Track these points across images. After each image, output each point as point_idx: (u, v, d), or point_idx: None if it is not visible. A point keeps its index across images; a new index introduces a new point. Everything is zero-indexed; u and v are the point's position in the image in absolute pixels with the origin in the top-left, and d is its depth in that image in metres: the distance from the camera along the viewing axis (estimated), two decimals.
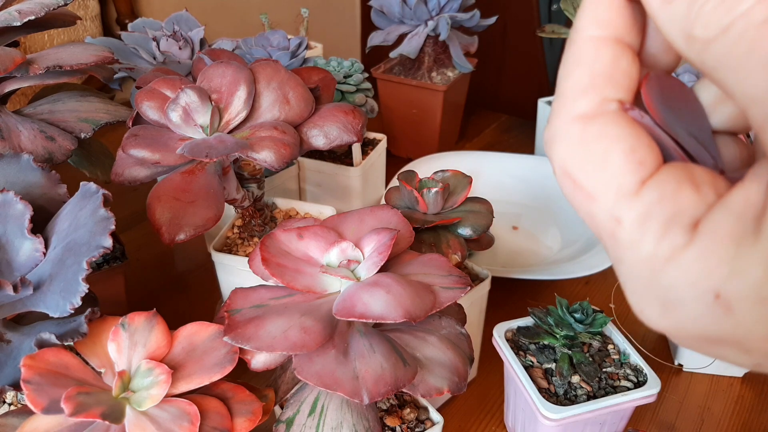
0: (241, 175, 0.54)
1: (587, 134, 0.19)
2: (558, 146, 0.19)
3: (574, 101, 0.19)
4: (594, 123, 0.19)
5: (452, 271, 0.39)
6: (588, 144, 0.19)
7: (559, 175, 0.19)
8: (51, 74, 0.50)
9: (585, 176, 0.18)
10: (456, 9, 0.90)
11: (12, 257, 0.39)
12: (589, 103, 0.19)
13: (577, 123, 0.19)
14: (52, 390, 0.32)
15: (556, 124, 0.19)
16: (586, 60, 0.19)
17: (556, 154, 0.19)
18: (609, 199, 0.18)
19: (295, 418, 0.40)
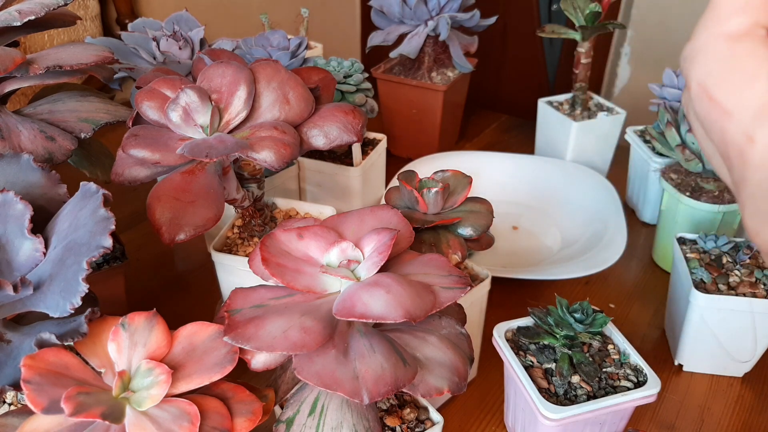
0: (241, 175, 0.54)
1: (735, 52, 0.18)
2: (700, 61, 0.19)
3: (727, 19, 0.19)
4: (743, 42, 0.18)
5: (452, 271, 0.39)
6: (734, 62, 0.18)
7: (695, 90, 0.19)
8: (51, 74, 0.50)
9: (725, 93, 0.18)
10: (456, 9, 0.90)
11: (12, 257, 0.39)
12: (742, 23, 0.19)
13: (726, 40, 0.19)
14: (52, 390, 0.32)
15: (702, 39, 0.19)
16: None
17: (696, 68, 0.19)
18: (746, 117, 0.18)
19: (295, 418, 0.40)
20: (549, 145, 0.93)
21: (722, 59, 0.19)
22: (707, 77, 0.19)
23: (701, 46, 0.19)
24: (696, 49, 0.19)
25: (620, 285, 0.74)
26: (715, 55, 0.19)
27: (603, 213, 0.79)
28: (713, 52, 0.19)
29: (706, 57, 0.19)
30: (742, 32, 0.19)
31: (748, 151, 0.18)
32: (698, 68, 0.19)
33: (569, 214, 0.83)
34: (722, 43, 0.19)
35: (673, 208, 0.72)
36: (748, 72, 0.18)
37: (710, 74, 0.19)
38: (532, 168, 0.89)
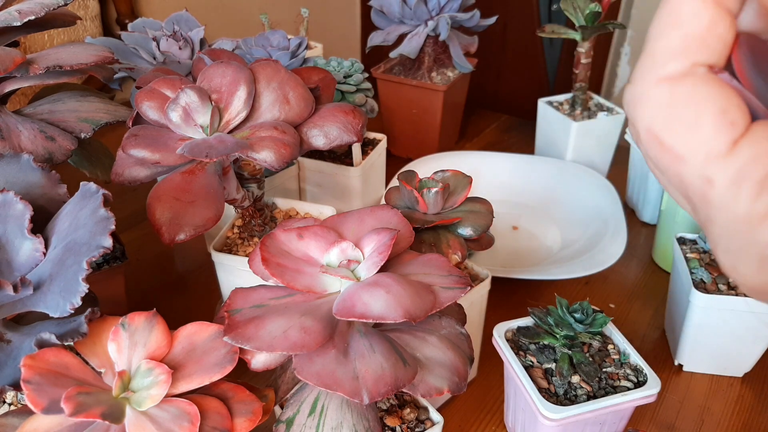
0: (241, 175, 0.54)
1: (676, 95, 0.18)
2: (644, 107, 0.19)
3: (664, 63, 0.19)
4: (683, 84, 0.18)
5: (452, 271, 0.39)
6: (677, 105, 0.18)
7: (644, 136, 0.19)
8: (51, 74, 0.50)
9: (674, 138, 0.18)
10: (456, 9, 0.90)
11: (12, 257, 0.39)
12: (679, 66, 0.19)
13: (665, 84, 0.19)
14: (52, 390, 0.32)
15: (642, 85, 0.19)
16: (683, 21, 0.19)
17: (641, 115, 0.19)
18: (699, 160, 0.18)
19: (295, 418, 0.40)
20: (549, 145, 0.93)
21: (665, 104, 0.19)
22: (653, 124, 0.19)
23: (642, 93, 0.19)
24: (637, 96, 0.19)
25: (620, 285, 0.74)
26: (657, 100, 0.19)
27: (603, 213, 0.79)
28: (655, 97, 0.19)
29: (649, 103, 0.19)
30: (680, 74, 0.19)
31: (709, 192, 0.18)
32: (643, 115, 0.19)
33: (569, 214, 0.83)
34: (662, 88, 0.19)
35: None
36: (691, 115, 0.18)
37: (656, 120, 0.19)
38: (532, 168, 0.89)
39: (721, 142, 0.18)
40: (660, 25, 0.19)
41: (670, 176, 0.19)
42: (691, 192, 0.18)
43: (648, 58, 0.19)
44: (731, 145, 0.17)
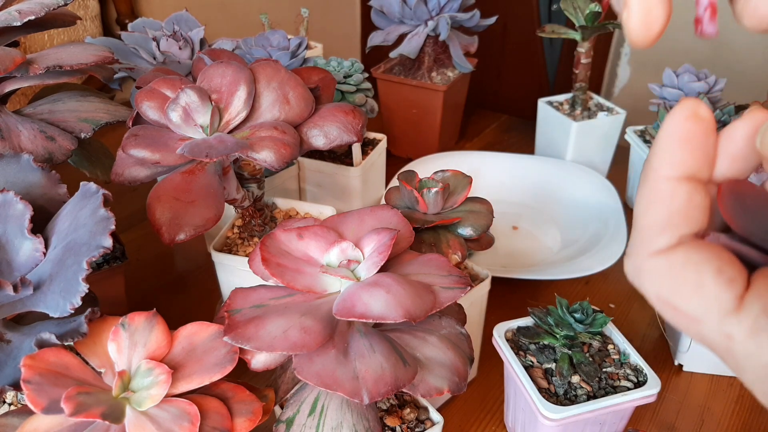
0: (241, 175, 0.54)
1: (673, 264, 0.20)
2: (648, 280, 0.21)
3: (654, 239, 0.20)
4: (676, 253, 0.20)
5: (452, 271, 0.39)
6: (677, 273, 0.20)
7: (656, 304, 0.21)
8: (51, 74, 0.50)
9: (684, 302, 0.20)
10: (456, 9, 0.90)
11: (12, 257, 0.39)
12: (668, 240, 0.20)
13: (660, 257, 0.20)
14: (52, 390, 0.32)
15: (639, 260, 0.21)
16: (663, 199, 0.20)
17: (648, 287, 0.21)
18: (714, 319, 0.19)
19: (295, 418, 0.40)
20: (549, 145, 0.93)
21: (666, 274, 0.20)
22: (661, 292, 0.20)
23: (640, 268, 0.21)
24: (637, 271, 0.21)
25: (620, 285, 0.74)
26: (657, 272, 0.20)
27: (603, 213, 0.79)
28: (654, 270, 0.20)
29: (651, 276, 0.21)
30: (670, 247, 0.20)
31: (732, 347, 0.19)
32: (649, 286, 0.21)
33: (569, 214, 0.83)
34: (659, 260, 0.20)
35: None
36: (693, 278, 0.19)
37: (662, 289, 0.20)
38: (532, 168, 0.89)
39: (728, 300, 0.19)
40: (644, 202, 0.21)
41: (692, 335, 0.20)
42: (716, 347, 0.20)
43: (639, 234, 0.21)
44: (739, 301, 0.19)
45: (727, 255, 0.20)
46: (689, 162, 0.20)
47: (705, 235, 0.20)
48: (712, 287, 0.19)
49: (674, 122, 0.21)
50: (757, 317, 0.18)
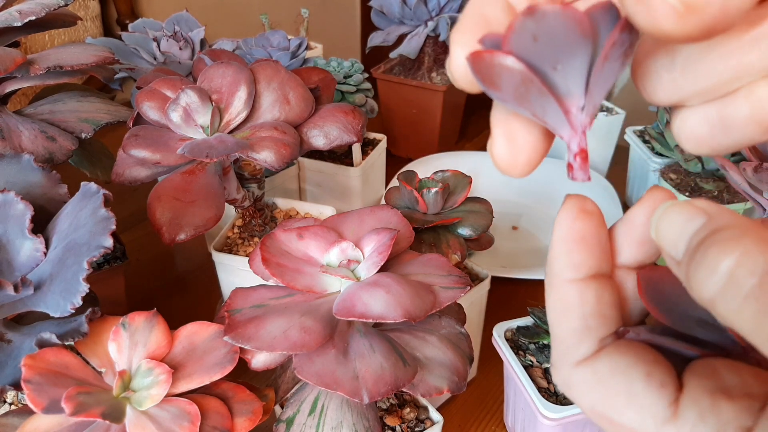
0: (242, 175, 0.54)
1: (600, 374, 0.19)
2: (577, 393, 0.20)
3: (574, 348, 0.19)
4: (600, 360, 0.19)
5: (452, 271, 0.39)
6: (606, 383, 0.19)
7: (591, 416, 0.19)
8: (51, 74, 0.50)
9: (618, 414, 0.18)
10: (456, 9, 0.90)
11: (12, 257, 0.39)
12: (589, 347, 0.19)
13: (585, 366, 0.19)
14: (53, 390, 0.32)
15: (565, 372, 0.20)
16: (573, 305, 0.20)
17: (578, 400, 0.20)
18: (650, 430, 0.18)
19: (295, 417, 0.40)
20: None
21: (594, 386, 0.19)
22: (594, 405, 0.19)
23: (569, 379, 0.20)
24: (566, 382, 0.20)
25: None
26: (585, 384, 0.19)
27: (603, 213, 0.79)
28: (583, 381, 0.19)
29: (579, 388, 0.19)
30: (594, 354, 0.19)
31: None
32: (580, 398, 0.20)
33: None
34: (584, 372, 0.19)
35: None
36: (622, 390, 0.18)
37: (594, 401, 0.19)
38: None
39: (662, 407, 0.18)
40: (556, 311, 0.20)
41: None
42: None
43: (558, 345, 0.20)
44: (674, 407, 0.18)
45: (652, 355, 0.19)
46: (589, 261, 0.20)
47: (624, 333, 0.19)
48: (644, 395, 0.18)
49: (564, 224, 0.20)
50: (695, 425, 0.17)
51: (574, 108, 0.17)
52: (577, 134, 0.18)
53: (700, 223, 0.16)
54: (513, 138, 0.19)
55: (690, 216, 0.17)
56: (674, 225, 0.17)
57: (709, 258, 0.15)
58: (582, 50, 0.16)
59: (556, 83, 0.17)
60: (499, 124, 0.20)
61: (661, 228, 0.18)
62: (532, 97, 0.17)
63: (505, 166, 0.20)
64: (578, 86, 0.17)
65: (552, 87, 0.17)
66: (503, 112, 0.19)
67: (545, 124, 0.18)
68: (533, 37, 0.16)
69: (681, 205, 0.17)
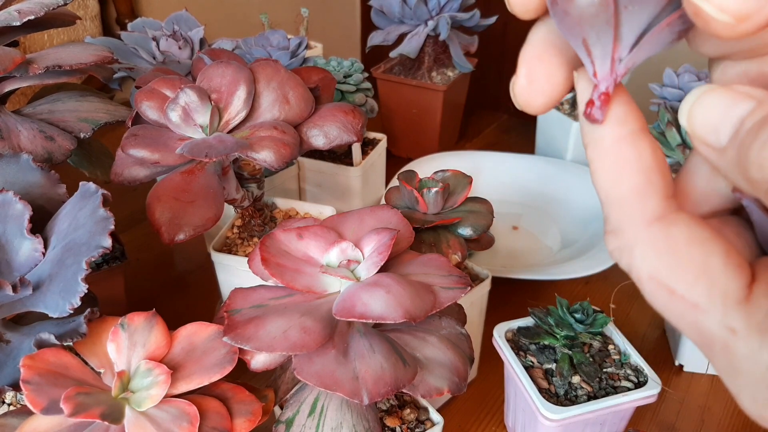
0: (241, 175, 0.54)
1: (675, 239, 0.18)
2: (642, 254, 0.18)
3: (642, 205, 0.18)
4: (677, 225, 0.18)
5: (452, 271, 0.39)
6: (680, 250, 0.17)
7: (648, 286, 0.18)
8: (50, 74, 0.50)
9: (686, 286, 0.17)
10: (456, 9, 0.90)
11: (11, 257, 0.39)
12: (656, 204, 0.18)
13: (657, 227, 0.18)
14: (52, 390, 0.32)
15: (630, 231, 0.18)
16: (630, 160, 0.18)
17: (639, 264, 0.18)
18: (718, 309, 0.17)
19: (294, 418, 0.40)
20: (549, 145, 0.93)
21: (665, 250, 0.18)
22: (659, 271, 0.18)
23: (635, 238, 0.18)
24: (630, 242, 0.18)
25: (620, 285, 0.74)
26: (655, 246, 0.18)
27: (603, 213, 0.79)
28: (653, 242, 0.18)
29: (646, 250, 0.18)
30: (664, 214, 0.18)
31: (733, 343, 0.17)
32: (642, 263, 0.18)
33: (569, 214, 0.83)
34: (655, 231, 0.18)
35: None
36: (697, 261, 0.17)
37: (660, 268, 0.18)
38: (532, 168, 0.89)
39: (736, 288, 0.17)
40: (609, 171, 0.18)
41: (685, 323, 0.18)
42: (712, 342, 0.17)
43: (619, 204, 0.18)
44: (747, 290, 0.17)
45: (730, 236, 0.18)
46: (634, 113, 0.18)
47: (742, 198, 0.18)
48: (721, 272, 0.17)
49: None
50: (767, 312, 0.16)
51: (620, 52, 0.18)
52: (611, 77, 0.18)
53: (749, 106, 0.16)
54: (534, 80, 0.20)
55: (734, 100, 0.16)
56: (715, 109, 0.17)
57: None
58: (655, 3, 0.16)
59: (621, 21, 0.17)
60: (525, 63, 0.20)
61: (697, 113, 0.17)
62: (596, 24, 0.17)
63: (522, 104, 0.20)
64: (634, 35, 0.17)
65: (617, 22, 0.17)
66: (533, 52, 0.20)
67: (587, 55, 0.18)
68: None
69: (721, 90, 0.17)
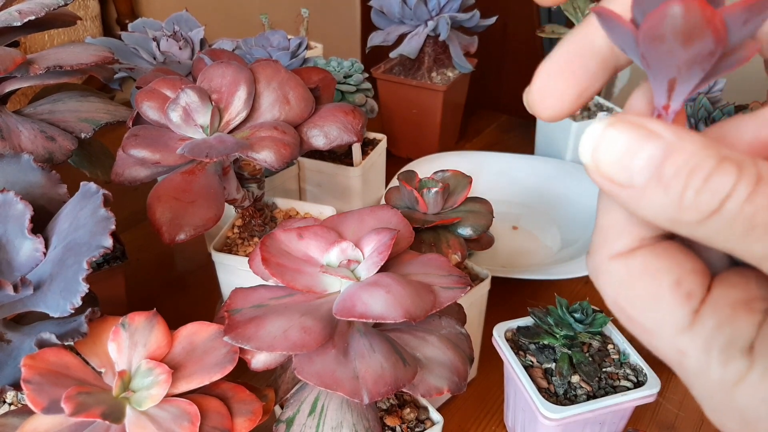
0: (241, 175, 0.54)
1: (631, 272, 0.19)
2: (604, 283, 0.20)
3: (613, 240, 0.19)
4: (635, 258, 0.19)
5: (452, 271, 0.39)
6: (634, 282, 0.19)
7: (613, 309, 0.20)
8: (51, 74, 0.50)
9: (638, 314, 0.19)
10: (456, 9, 0.90)
11: (12, 257, 0.39)
12: (628, 242, 0.19)
13: (618, 261, 0.19)
14: (53, 390, 0.32)
15: (598, 261, 0.20)
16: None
17: (604, 290, 0.20)
18: (668, 334, 0.18)
19: (295, 417, 0.40)
20: (549, 145, 0.93)
21: (622, 281, 0.19)
22: (617, 299, 0.19)
23: (599, 267, 0.20)
24: (596, 270, 0.20)
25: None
26: (615, 277, 0.19)
27: None
28: (613, 273, 0.19)
29: (608, 279, 0.20)
30: (630, 250, 0.19)
31: (683, 362, 0.18)
32: (606, 289, 0.20)
33: (569, 214, 0.83)
34: (617, 266, 0.19)
35: None
36: (649, 291, 0.19)
37: (618, 296, 0.19)
38: (532, 168, 0.89)
39: (683, 316, 0.18)
40: (604, 200, 0.20)
41: (645, 344, 0.20)
42: (669, 360, 0.19)
43: (599, 233, 0.20)
44: (693, 316, 0.18)
45: (689, 263, 0.19)
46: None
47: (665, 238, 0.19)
48: (669, 301, 0.18)
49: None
50: (709, 334, 0.18)
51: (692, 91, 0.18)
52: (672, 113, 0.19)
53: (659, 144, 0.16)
54: (546, 97, 0.20)
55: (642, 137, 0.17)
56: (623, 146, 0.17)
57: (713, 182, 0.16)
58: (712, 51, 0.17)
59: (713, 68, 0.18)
60: (540, 78, 0.21)
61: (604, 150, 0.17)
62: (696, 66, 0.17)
63: (532, 112, 0.21)
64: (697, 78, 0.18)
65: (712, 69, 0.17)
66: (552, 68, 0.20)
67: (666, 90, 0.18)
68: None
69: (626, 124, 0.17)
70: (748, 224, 0.16)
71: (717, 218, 0.16)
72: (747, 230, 0.16)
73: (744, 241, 0.16)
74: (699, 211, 0.16)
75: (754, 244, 0.16)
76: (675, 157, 0.16)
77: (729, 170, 0.15)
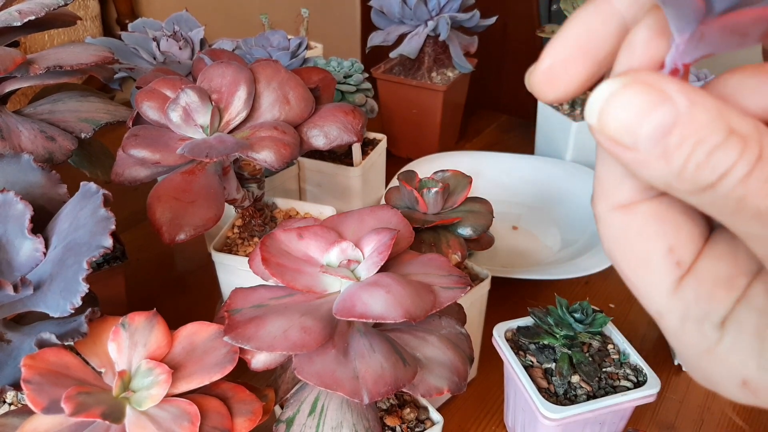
0: (241, 175, 0.54)
1: (628, 229, 0.19)
2: (602, 231, 0.20)
3: (613, 190, 0.19)
4: (634, 214, 0.19)
5: (452, 271, 0.39)
6: (629, 240, 0.19)
7: (607, 255, 0.20)
8: (51, 74, 0.50)
9: (629, 270, 0.20)
10: (456, 9, 0.90)
11: (12, 257, 0.39)
12: (629, 192, 0.19)
13: (618, 213, 0.19)
14: (53, 390, 0.32)
15: (599, 210, 0.20)
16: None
17: (602, 237, 0.20)
18: (652, 295, 0.19)
19: (295, 417, 0.40)
20: (549, 145, 0.93)
21: (618, 237, 0.20)
22: (612, 252, 0.20)
23: (599, 216, 0.20)
24: (597, 218, 0.20)
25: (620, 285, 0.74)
26: (612, 229, 0.20)
27: None
28: (610, 225, 0.20)
29: (606, 230, 0.20)
30: (632, 203, 0.19)
31: (662, 323, 0.20)
32: (604, 239, 0.20)
33: (569, 214, 0.83)
34: (615, 219, 0.19)
35: None
36: (642, 252, 0.19)
37: (614, 250, 0.20)
38: (532, 168, 0.89)
39: (668, 282, 0.19)
40: (602, 150, 0.20)
41: (635, 294, 0.20)
42: (652, 314, 0.20)
43: (599, 183, 0.20)
44: (677, 283, 0.19)
45: (687, 224, 0.19)
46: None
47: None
48: (658, 267, 0.19)
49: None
50: (688, 304, 0.18)
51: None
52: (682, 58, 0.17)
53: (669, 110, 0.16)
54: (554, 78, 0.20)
55: (653, 101, 0.16)
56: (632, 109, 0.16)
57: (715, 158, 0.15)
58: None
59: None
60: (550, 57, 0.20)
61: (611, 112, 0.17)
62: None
63: (535, 92, 0.20)
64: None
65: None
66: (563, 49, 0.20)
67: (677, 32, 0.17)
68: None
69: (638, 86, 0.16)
70: (736, 205, 0.16)
71: (711, 193, 0.16)
72: (735, 210, 0.16)
73: (732, 217, 0.16)
74: (695, 183, 0.16)
75: (741, 224, 0.16)
76: (683, 127, 0.16)
77: (733, 146, 0.15)
